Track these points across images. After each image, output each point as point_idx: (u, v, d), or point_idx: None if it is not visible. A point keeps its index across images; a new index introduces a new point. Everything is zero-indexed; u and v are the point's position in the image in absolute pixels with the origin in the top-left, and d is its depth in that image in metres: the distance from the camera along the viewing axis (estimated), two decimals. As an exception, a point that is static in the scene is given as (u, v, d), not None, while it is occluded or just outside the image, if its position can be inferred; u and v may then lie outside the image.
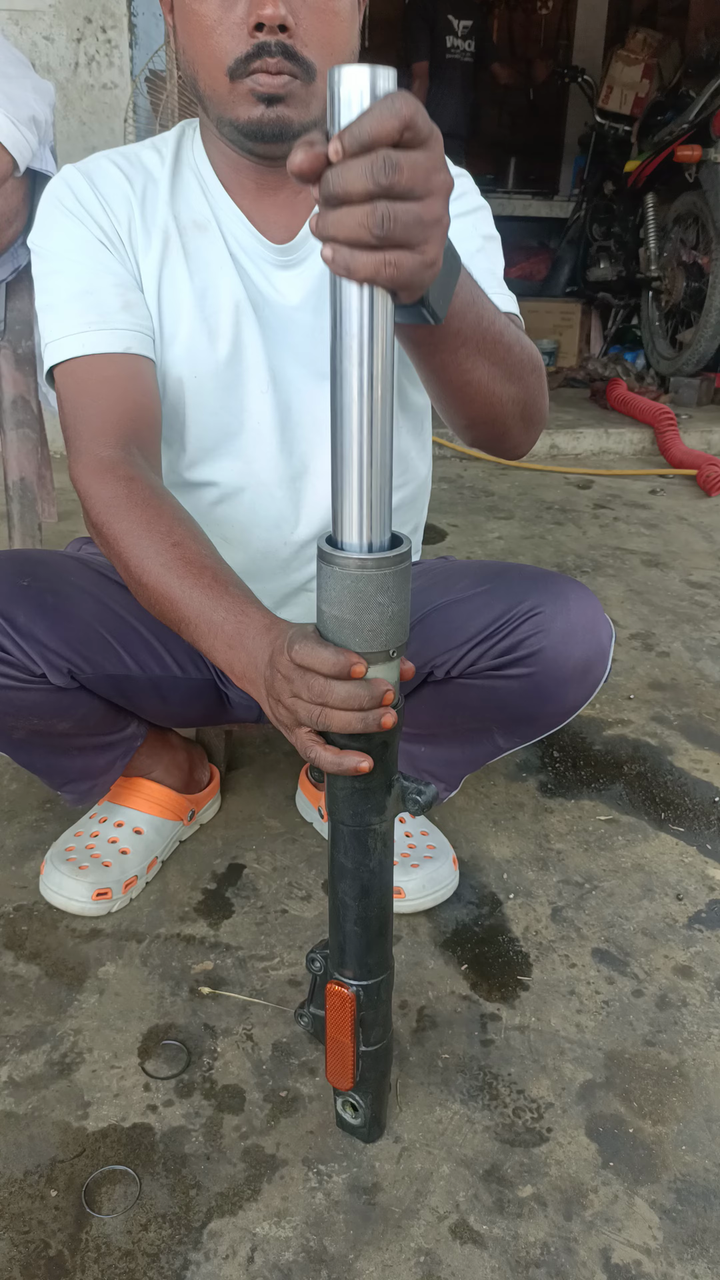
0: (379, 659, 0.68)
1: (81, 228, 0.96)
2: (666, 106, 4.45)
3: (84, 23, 2.71)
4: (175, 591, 0.84)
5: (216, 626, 0.81)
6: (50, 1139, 0.87)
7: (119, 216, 0.97)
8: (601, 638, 0.99)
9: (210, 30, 0.86)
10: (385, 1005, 0.82)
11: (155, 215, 0.98)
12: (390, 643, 0.68)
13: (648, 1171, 0.86)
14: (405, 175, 0.53)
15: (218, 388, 1.01)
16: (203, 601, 0.82)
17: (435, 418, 1.03)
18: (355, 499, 0.64)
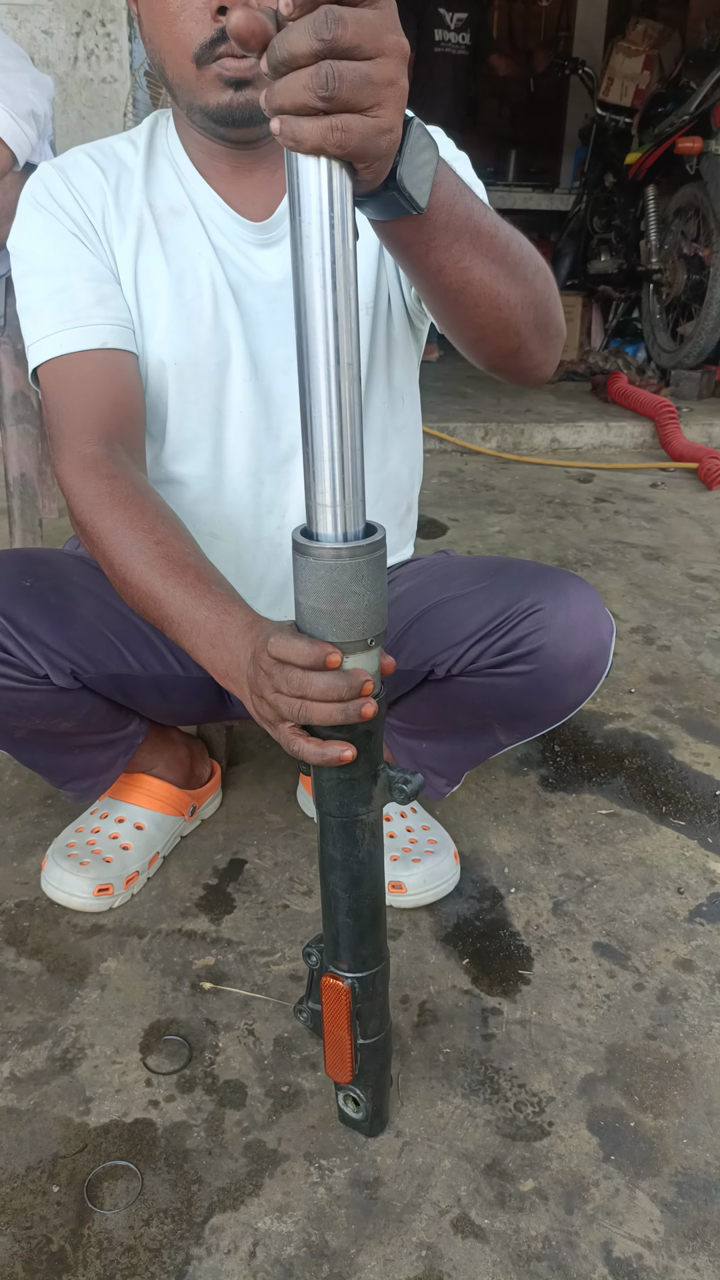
0: (357, 648, 0.68)
1: (55, 222, 0.96)
2: (667, 98, 4.42)
3: (83, 16, 2.70)
4: (158, 590, 0.84)
5: (199, 625, 0.81)
6: (52, 1134, 0.87)
7: (92, 207, 0.97)
8: (602, 633, 0.99)
9: (174, 17, 0.85)
10: (382, 997, 0.82)
11: (130, 203, 0.98)
12: (368, 631, 0.67)
13: (649, 1165, 0.87)
14: (350, 30, 0.50)
15: (199, 374, 1.01)
16: (185, 600, 0.82)
17: (426, 431, 1.02)
18: (328, 485, 0.63)
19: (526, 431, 3.48)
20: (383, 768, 0.74)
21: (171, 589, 0.83)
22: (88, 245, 0.96)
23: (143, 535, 0.86)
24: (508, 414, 3.64)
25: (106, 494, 0.89)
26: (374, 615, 0.67)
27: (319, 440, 0.62)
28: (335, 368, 0.60)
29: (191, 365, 1.00)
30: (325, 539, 0.65)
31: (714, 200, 3.58)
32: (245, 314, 1.00)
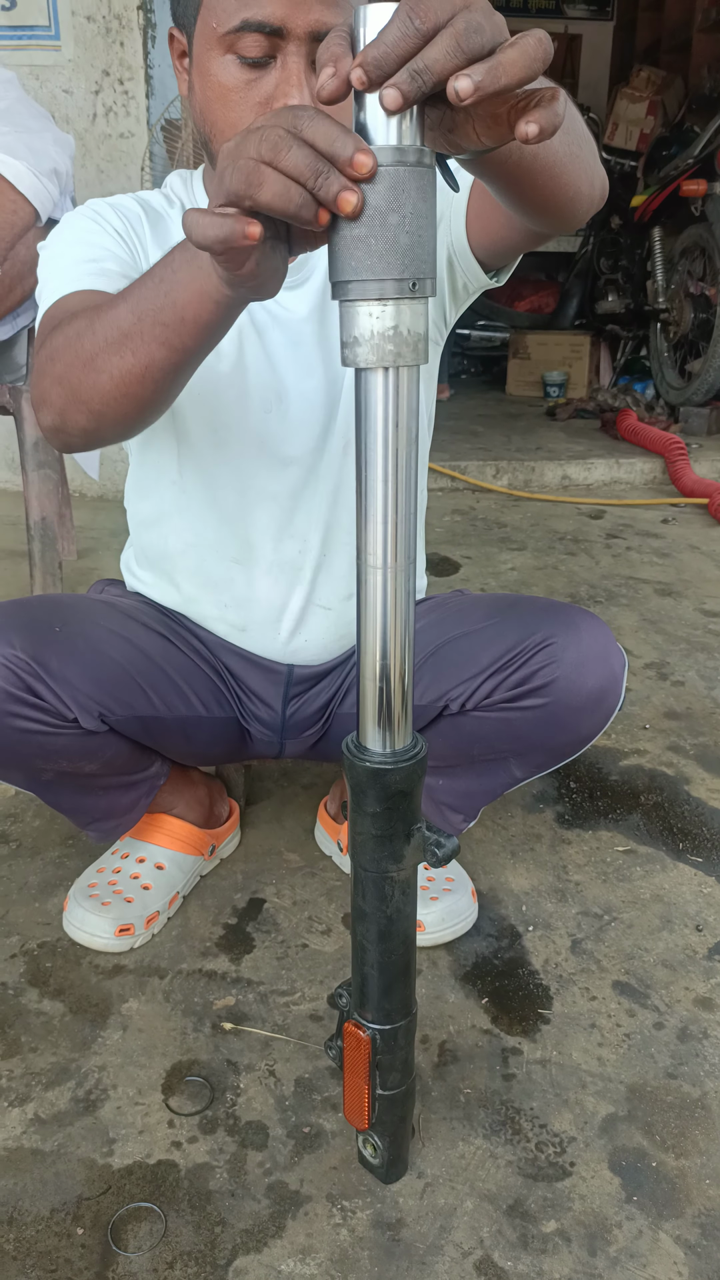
0: (399, 290, 0.58)
1: (96, 225, 0.99)
2: (671, 142, 4.51)
3: (102, 75, 2.79)
4: (124, 300, 0.73)
5: (166, 261, 0.70)
6: (76, 1176, 0.88)
7: (134, 227, 1.01)
8: (614, 666, 1.01)
9: (231, 103, 0.90)
10: (404, 1051, 0.82)
11: (168, 242, 1.02)
12: (409, 267, 0.57)
13: (671, 1206, 0.86)
14: (487, 33, 0.52)
15: (220, 406, 1.04)
16: (147, 273, 0.72)
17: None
18: (380, 542, 0.66)
19: (537, 469, 3.51)
20: (419, 827, 0.74)
21: (133, 288, 0.73)
22: (126, 248, 0.99)
23: (98, 307, 0.77)
24: (518, 452, 3.68)
25: (67, 320, 0.80)
26: (417, 244, 0.57)
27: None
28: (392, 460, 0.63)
29: (214, 396, 1.04)
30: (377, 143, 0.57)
31: (719, 241, 3.63)
32: (269, 351, 1.04)
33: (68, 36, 2.76)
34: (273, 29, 0.86)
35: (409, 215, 0.56)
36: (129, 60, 2.78)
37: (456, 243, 0.99)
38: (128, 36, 2.76)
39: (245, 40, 0.87)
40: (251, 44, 0.87)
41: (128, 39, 2.76)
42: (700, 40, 5.26)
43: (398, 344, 0.59)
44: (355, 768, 0.72)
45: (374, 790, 0.71)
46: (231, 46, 0.88)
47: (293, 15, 0.85)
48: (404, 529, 0.66)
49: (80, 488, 2.98)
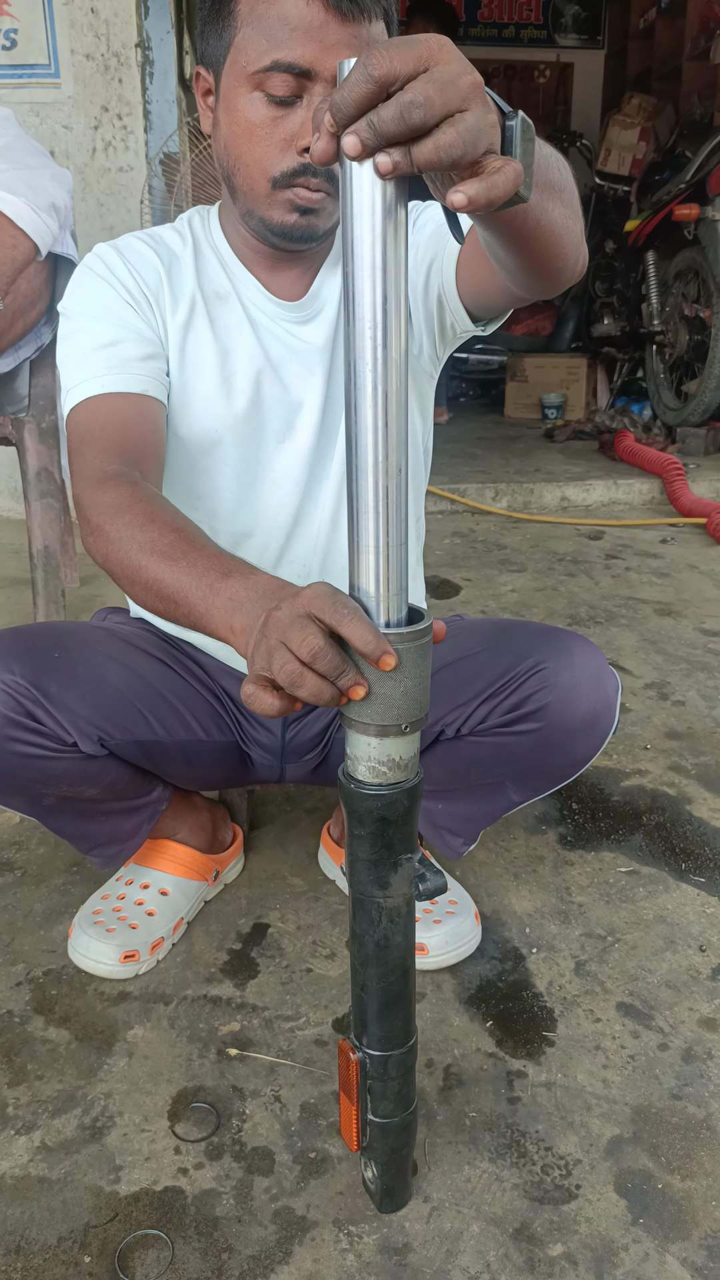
0: (391, 733, 0.69)
1: (110, 290, 1.03)
2: (664, 167, 4.58)
3: (101, 111, 2.84)
4: (178, 566, 0.80)
5: (219, 586, 0.77)
6: (83, 1204, 0.88)
7: (148, 282, 1.04)
8: (607, 690, 1.02)
9: (258, 139, 0.93)
10: (398, 1082, 0.81)
11: (183, 286, 1.06)
12: (403, 718, 0.69)
13: (678, 1228, 0.86)
14: (437, 104, 0.53)
15: (237, 439, 1.07)
16: (206, 569, 0.79)
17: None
18: (372, 572, 0.67)
19: (536, 491, 3.54)
20: (408, 858, 0.75)
21: (193, 562, 0.80)
22: (140, 314, 1.03)
23: (162, 526, 0.84)
24: (517, 474, 3.71)
25: (128, 497, 0.88)
26: (411, 702, 0.69)
27: (364, 532, 0.66)
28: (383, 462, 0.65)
29: (231, 432, 1.07)
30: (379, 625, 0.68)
31: (713, 263, 3.67)
32: (286, 384, 1.07)
33: (67, 74, 2.81)
34: (301, 70, 0.89)
35: (405, 681, 0.68)
36: (127, 96, 2.83)
37: (446, 285, 1.02)
38: (126, 73, 2.81)
39: (274, 80, 0.90)
40: (280, 83, 0.90)
41: (126, 76, 2.81)
42: (690, 68, 5.34)
43: (391, 767, 0.71)
44: (349, 793, 0.73)
45: (366, 816, 0.73)
46: (260, 85, 0.91)
47: (321, 58, 0.89)
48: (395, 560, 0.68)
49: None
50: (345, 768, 0.74)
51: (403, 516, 0.66)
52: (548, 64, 7.09)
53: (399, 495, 0.65)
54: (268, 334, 1.07)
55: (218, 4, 0.93)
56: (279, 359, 1.07)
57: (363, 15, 0.89)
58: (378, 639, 0.65)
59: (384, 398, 0.63)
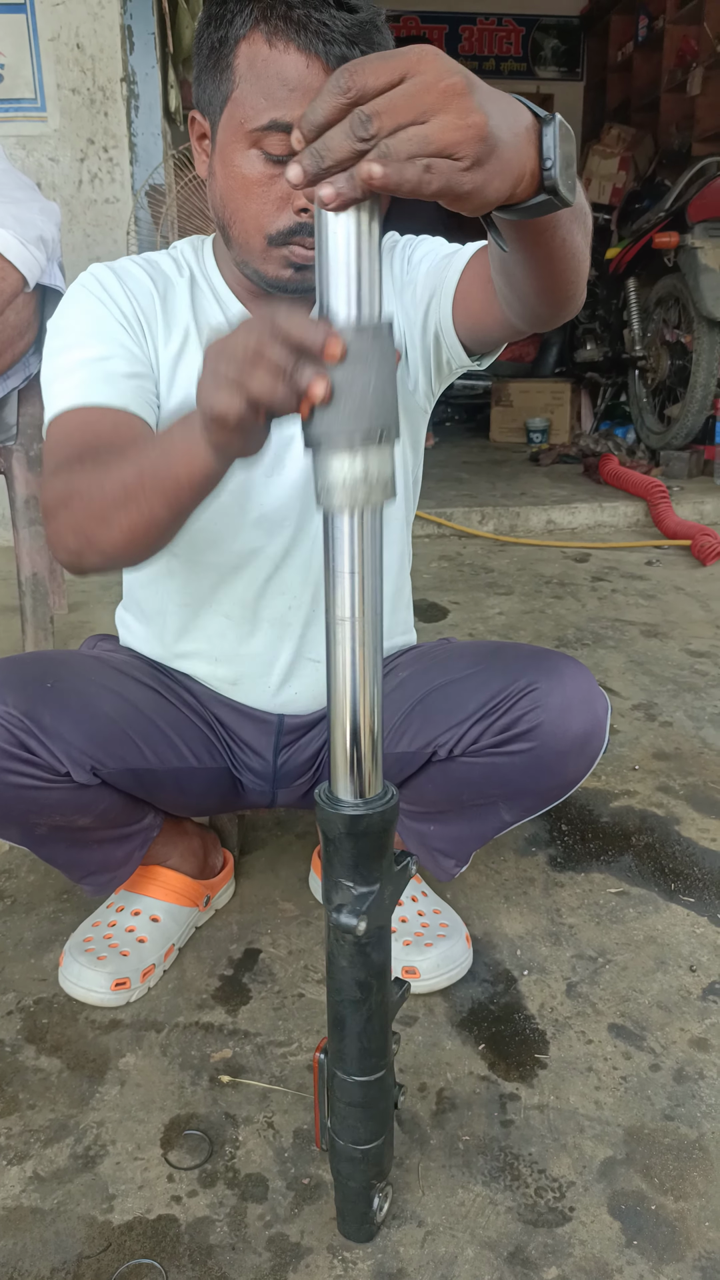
0: (368, 440, 0.64)
1: (103, 309, 1.02)
2: (643, 195, 4.66)
3: (87, 144, 2.88)
4: (128, 458, 0.81)
5: (167, 433, 0.77)
6: (76, 1234, 0.87)
7: (142, 305, 1.04)
8: (598, 710, 1.03)
9: (254, 195, 0.93)
10: (342, 1107, 0.81)
11: (177, 315, 1.05)
12: (376, 420, 0.63)
13: (672, 1250, 0.86)
14: (385, 118, 0.53)
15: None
16: (152, 437, 0.80)
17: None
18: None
19: (522, 514, 3.57)
20: (348, 886, 0.74)
21: (138, 451, 0.80)
22: (131, 335, 1.02)
23: (108, 460, 0.84)
24: (504, 497, 3.74)
25: (75, 470, 0.87)
26: (382, 403, 0.63)
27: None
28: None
29: None
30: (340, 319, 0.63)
31: (693, 290, 3.73)
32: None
33: (53, 108, 2.85)
34: None
35: (372, 379, 0.62)
36: (113, 129, 2.87)
37: (443, 321, 1.03)
38: (111, 107, 2.85)
39: (271, 139, 0.91)
40: (277, 143, 0.91)
41: (112, 109, 2.86)
42: (668, 100, 5.44)
43: (368, 489, 0.65)
44: (325, 816, 0.74)
45: (345, 837, 0.73)
46: (257, 142, 0.91)
47: None
48: (370, 582, 0.68)
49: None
50: (321, 790, 0.75)
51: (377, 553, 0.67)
52: (528, 95, 7.21)
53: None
54: None
55: (215, 56, 0.92)
56: None
57: None
58: (320, 324, 0.61)
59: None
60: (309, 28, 0.86)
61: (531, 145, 0.62)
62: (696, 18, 5.11)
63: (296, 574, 1.12)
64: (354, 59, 0.80)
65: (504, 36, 7.13)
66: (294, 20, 0.87)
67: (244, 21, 0.89)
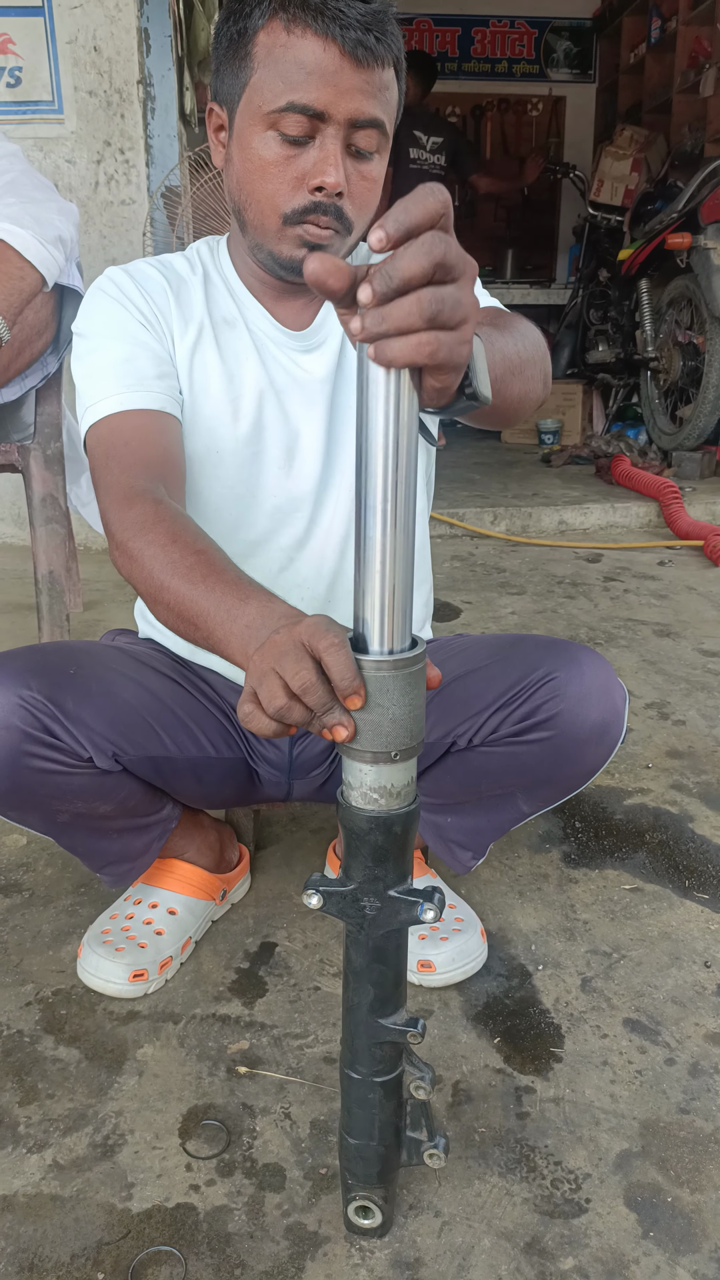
0: (380, 760, 0.70)
1: (122, 311, 1.05)
2: (656, 197, 4.65)
3: (103, 146, 2.89)
4: (198, 589, 0.83)
5: (237, 612, 0.79)
6: (95, 1221, 0.88)
7: (158, 303, 1.07)
8: (616, 699, 1.04)
9: (271, 176, 0.96)
10: (365, 1110, 0.81)
11: (191, 310, 1.08)
12: (392, 745, 0.69)
13: (688, 1241, 0.87)
14: (452, 250, 0.57)
15: (237, 462, 1.10)
16: (225, 594, 0.81)
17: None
18: (376, 601, 0.67)
19: (534, 515, 3.57)
20: (355, 888, 0.75)
21: (211, 587, 0.82)
22: (151, 332, 1.06)
23: (184, 547, 0.86)
24: (515, 498, 3.74)
25: (152, 514, 0.90)
26: (401, 730, 0.69)
27: (370, 559, 0.67)
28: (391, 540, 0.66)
29: (233, 455, 1.09)
30: (371, 652, 0.69)
31: (705, 290, 3.73)
32: (287, 411, 1.10)
33: (70, 110, 2.86)
34: (315, 112, 0.93)
35: (392, 708, 0.68)
36: (129, 131, 2.89)
37: None
38: (128, 109, 2.87)
39: (288, 120, 0.93)
40: (294, 124, 0.93)
41: (128, 111, 2.87)
42: (680, 101, 5.44)
43: (384, 795, 0.72)
44: (346, 811, 0.74)
45: (358, 836, 0.74)
46: (274, 124, 0.94)
47: (336, 102, 0.92)
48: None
49: (86, 541, 3.03)
50: (341, 789, 0.75)
51: (410, 551, 0.67)
52: (540, 98, 7.23)
53: (406, 527, 0.66)
54: (273, 360, 1.10)
55: (235, 45, 0.96)
56: (282, 385, 1.10)
57: (376, 62, 0.92)
58: (352, 675, 0.66)
59: (394, 492, 0.64)
60: (325, 14, 0.90)
61: None
62: (709, 19, 5.10)
63: (310, 566, 1.13)
64: (366, 41, 0.88)
65: (516, 39, 7.14)
66: (311, 7, 0.90)
67: (262, 13, 0.93)
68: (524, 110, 7.30)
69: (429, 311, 0.57)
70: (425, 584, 1.28)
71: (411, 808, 0.74)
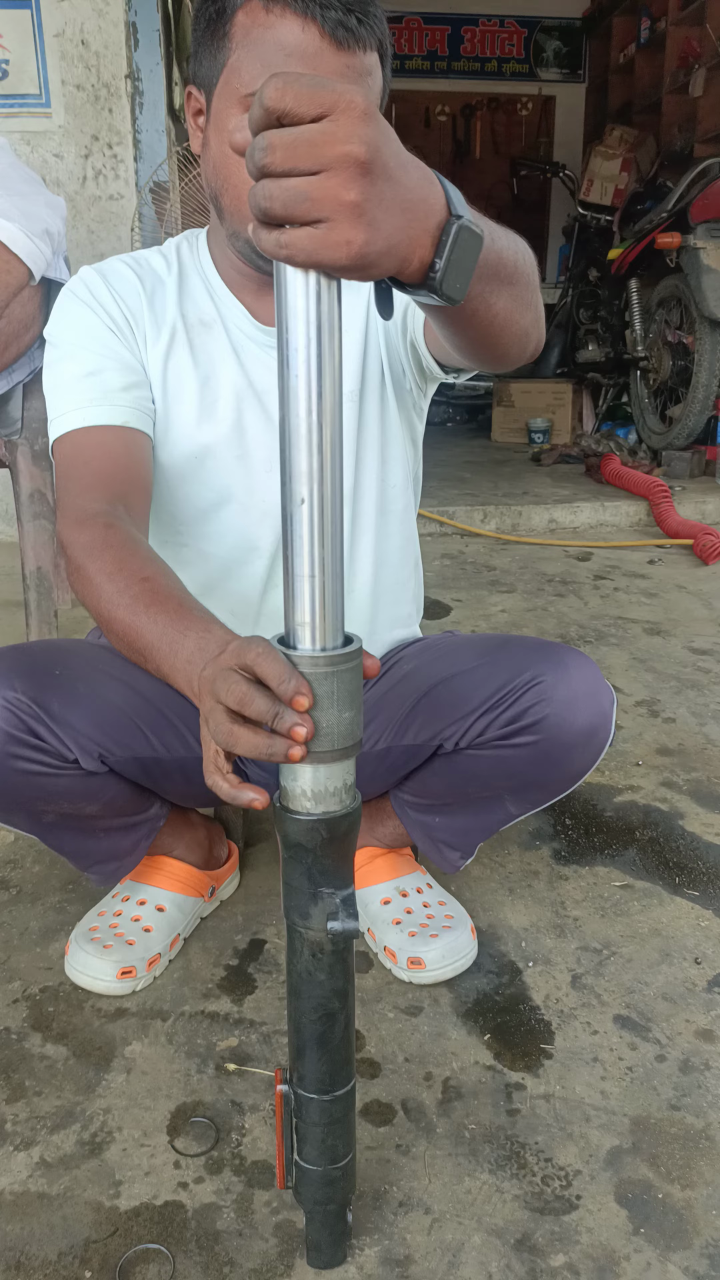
0: (326, 759, 0.67)
1: (93, 316, 1.04)
2: (645, 196, 4.66)
3: (91, 140, 2.88)
4: (140, 621, 0.84)
5: (178, 645, 0.80)
6: (83, 1219, 0.87)
7: (130, 307, 1.06)
8: (603, 703, 1.03)
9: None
10: (320, 1129, 0.77)
11: (164, 313, 1.07)
12: (335, 744, 0.67)
13: (679, 1237, 0.86)
14: (279, 154, 0.52)
15: (219, 466, 1.09)
16: (167, 625, 0.82)
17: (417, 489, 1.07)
18: (307, 600, 0.64)
19: (524, 513, 3.57)
20: (329, 893, 0.71)
21: (154, 618, 0.83)
22: (122, 340, 1.04)
23: (129, 575, 0.88)
24: (505, 497, 3.74)
25: (100, 540, 0.91)
26: (347, 728, 0.66)
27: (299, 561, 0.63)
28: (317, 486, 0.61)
29: (213, 459, 1.08)
30: (302, 649, 0.66)
31: (694, 290, 3.74)
32: (270, 412, 1.08)
33: (58, 104, 2.85)
34: None
35: (336, 704, 0.66)
36: (118, 126, 2.87)
37: (416, 334, 1.05)
38: (116, 104, 2.86)
39: None
40: None
41: (116, 106, 2.86)
42: (670, 101, 5.45)
43: (335, 793, 0.69)
44: (278, 816, 0.71)
45: (290, 841, 0.71)
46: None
47: None
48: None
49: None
50: (278, 794, 0.72)
51: (338, 544, 0.64)
52: (530, 97, 7.23)
53: (334, 521, 0.62)
54: (252, 360, 1.08)
55: (213, 26, 0.93)
56: (263, 387, 1.08)
57: (357, 45, 0.89)
58: (289, 675, 0.64)
59: (318, 427, 0.60)
60: None
61: (428, 236, 0.59)
62: (699, 19, 5.11)
63: None
64: (348, 22, 0.84)
65: (506, 38, 7.14)
66: None
67: None
68: (514, 109, 7.31)
69: (256, 208, 0.54)
70: (415, 582, 1.27)
71: (347, 811, 0.70)
